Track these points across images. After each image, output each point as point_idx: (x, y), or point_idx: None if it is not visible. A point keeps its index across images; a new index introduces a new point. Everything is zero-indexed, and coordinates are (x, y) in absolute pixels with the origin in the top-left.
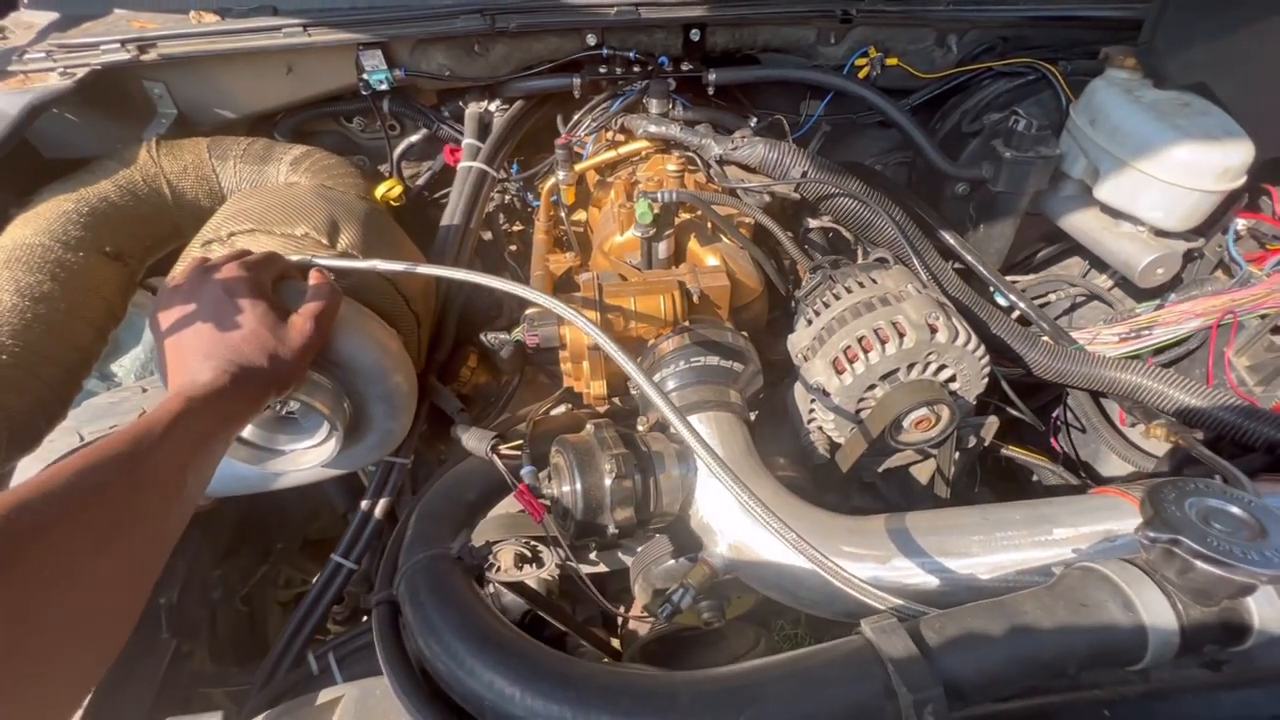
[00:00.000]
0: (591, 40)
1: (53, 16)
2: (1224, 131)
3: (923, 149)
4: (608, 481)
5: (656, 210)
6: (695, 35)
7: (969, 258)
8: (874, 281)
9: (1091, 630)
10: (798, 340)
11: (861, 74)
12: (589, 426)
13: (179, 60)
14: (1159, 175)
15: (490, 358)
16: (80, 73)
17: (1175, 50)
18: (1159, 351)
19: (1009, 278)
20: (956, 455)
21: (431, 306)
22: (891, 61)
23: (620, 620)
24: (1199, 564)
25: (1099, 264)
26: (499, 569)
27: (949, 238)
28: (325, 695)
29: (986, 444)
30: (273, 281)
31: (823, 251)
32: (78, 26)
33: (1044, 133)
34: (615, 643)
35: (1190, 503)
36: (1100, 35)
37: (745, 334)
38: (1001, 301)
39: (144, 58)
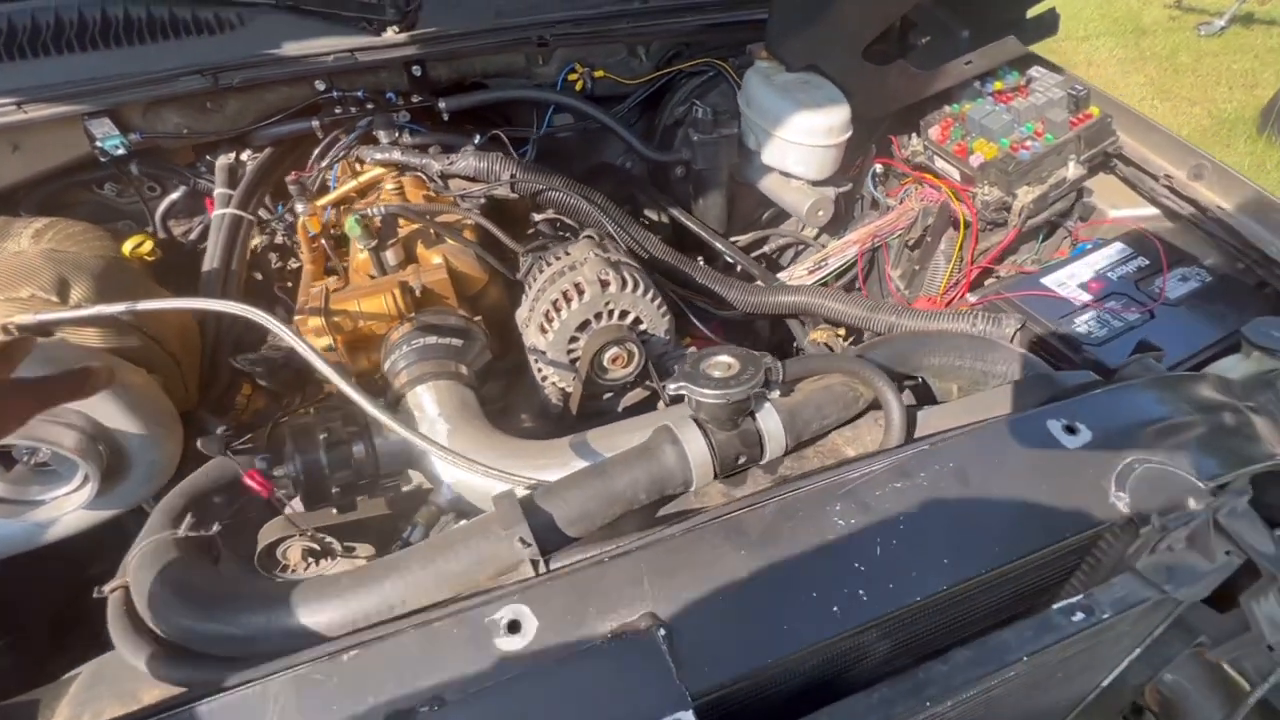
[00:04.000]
0: (321, 86)
1: None
2: (828, 100)
3: (630, 143)
4: (322, 453)
5: (378, 225)
6: (417, 71)
7: (692, 226)
8: (566, 254)
9: (648, 465)
10: (520, 314)
11: (578, 86)
12: (310, 410)
13: None
14: (791, 139)
15: (265, 383)
16: None
17: (785, 40)
18: (842, 276)
19: (734, 238)
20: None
21: (196, 345)
22: (599, 73)
23: None
24: (702, 399)
25: None
26: (289, 568)
27: (677, 213)
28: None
29: None
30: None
31: (552, 240)
32: None
33: (724, 116)
34: None
35: (703, 364)
36: (753, 35)
37: (479, 317)
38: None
39: None
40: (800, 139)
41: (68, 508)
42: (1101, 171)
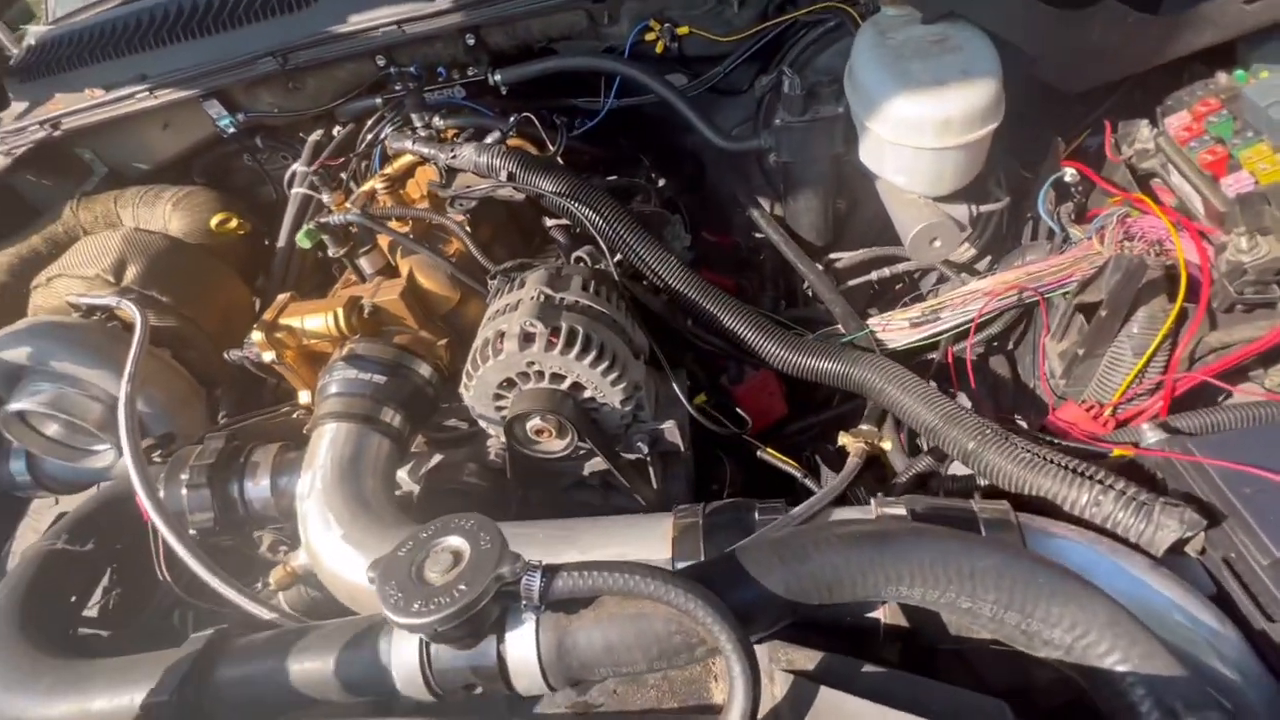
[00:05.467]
0: (381, 61)
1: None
2: (960, 73)
3: (691, 121)
4: (183, 491)
5: (353, 230)
6: (471, 40)
7: (773, 236)
8: (521, 285)
9: (348, 663)
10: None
11: (658, 48)
12: (206, 440)
13: (86, 129)
14: (883, 134)
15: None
16: (19, 151)
17: None
18: (963, 338)
19: (839, 254)
20: (647, 457)
21: (245, 320)
22: (683, 30)
23: None
24: (384, 609)
25: None
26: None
27: (756, 214)
28: None
29: (683, 449)
30: None
31: (567, 250)
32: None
33: (828, 89)
34: None
35: (428, 549)
36: None
37: (444, 341)
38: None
39: (55, 133)
40: (895, 135)
41: (105, 460)
42: None
